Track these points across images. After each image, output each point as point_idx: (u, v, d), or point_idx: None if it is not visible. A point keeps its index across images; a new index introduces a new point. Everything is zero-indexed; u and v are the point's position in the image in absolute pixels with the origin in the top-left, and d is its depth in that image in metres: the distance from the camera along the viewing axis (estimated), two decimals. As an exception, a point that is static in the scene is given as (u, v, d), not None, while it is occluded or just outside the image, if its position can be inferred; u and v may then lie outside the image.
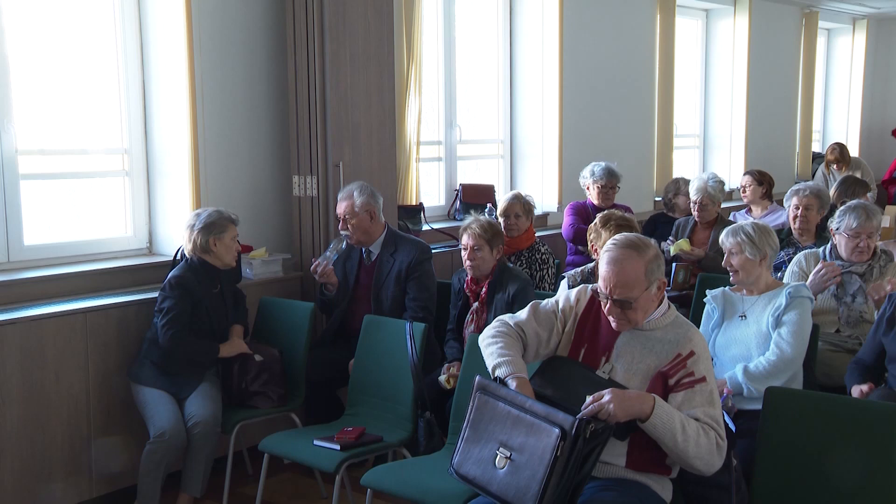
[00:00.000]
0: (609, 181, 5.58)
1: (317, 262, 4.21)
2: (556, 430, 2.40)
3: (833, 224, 4.08)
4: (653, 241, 2.79)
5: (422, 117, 5.34)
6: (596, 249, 3.88)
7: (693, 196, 5.36)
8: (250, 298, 4.24)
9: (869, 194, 6.32)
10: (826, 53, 10.50)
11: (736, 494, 2.71)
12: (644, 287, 2.63)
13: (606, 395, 2.45)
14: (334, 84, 4.54)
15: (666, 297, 2.76)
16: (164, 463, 3.68)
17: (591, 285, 2.85)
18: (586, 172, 5.69)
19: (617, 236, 2.75)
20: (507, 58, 6.35)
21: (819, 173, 8.86)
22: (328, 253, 4.24)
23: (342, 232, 4.28)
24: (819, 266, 3.91)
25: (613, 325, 2.69)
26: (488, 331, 2.80)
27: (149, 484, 3.68)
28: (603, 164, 5.66)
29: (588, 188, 5.67)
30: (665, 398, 2.55)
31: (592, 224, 4.02)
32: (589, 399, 2.46)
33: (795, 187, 4.95)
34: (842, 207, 4.10)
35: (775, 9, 8.75)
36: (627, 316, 2.65)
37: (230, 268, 3.96)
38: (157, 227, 4.50)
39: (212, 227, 3.83)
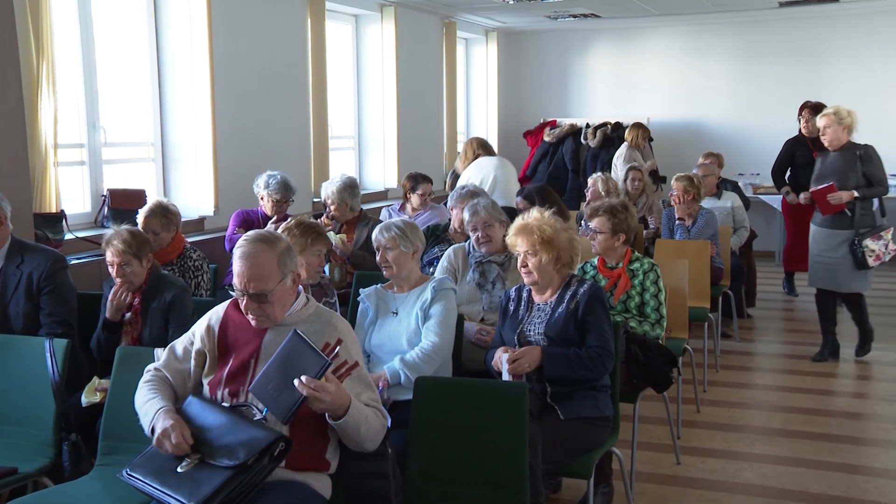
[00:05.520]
0: (284, 195, 5.58)
1: None
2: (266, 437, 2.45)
3: None
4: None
5: (58, 117, 4.91)
6: None
7: (321, 194, 5.65)
8: None
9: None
10: (466, 61, 11.32)
11: (392, 482, 2.84)
12: (278, 279, 2.67)
13: (333, 385, 2.48)
14: (-55, 79, 4.07)
15: (303, 291, 2.83)
16: None
17: (224, 302, 2.85)
18: (261, 182, 5.63)
19: (248, 233, 2.77)
20: (154, 57, 6.07)
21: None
22: None
23: None
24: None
25: (253, 322, 2.71)
26: (138, 391, 2.76)
27: None
28: (279, 175, 5.61)
29: (262, 198, 5.62)
30: None
31: (284, 227, 3.95)
32: (305, 379, 2.44)
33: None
34: None
35: (418, 17, 9.26)
36: (265, 311, 2.68)
37: None
38: None
39: None
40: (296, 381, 2.44)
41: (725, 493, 4.11)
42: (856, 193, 5.68)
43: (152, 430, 2.59)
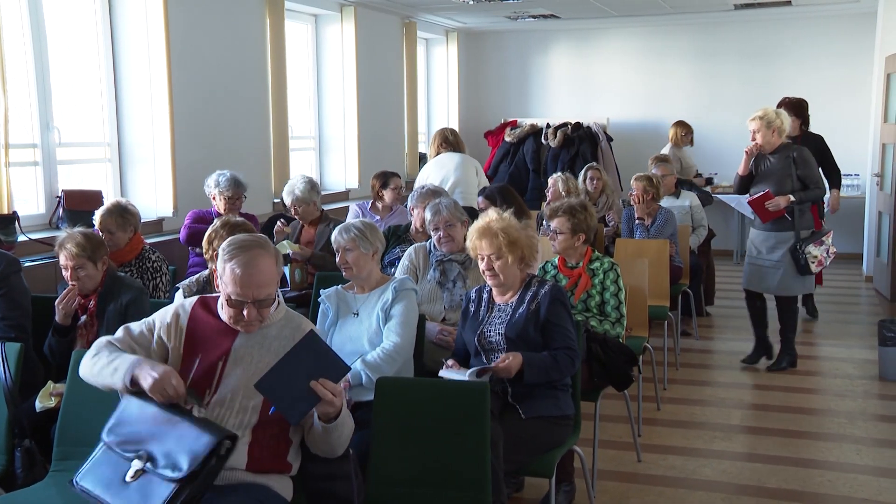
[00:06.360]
0: (235, 192, 5.49)
1: None
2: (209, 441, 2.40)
3: None
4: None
5: (9, 117, 4.82)
6: (215, 257, 3.79)
7: (286, 200, 5.59)
8: None
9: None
10: (426, 61, 11.31)
11: (354, 483, 2.83)
12: (277, 280, 2.69)
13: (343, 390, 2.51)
14: None
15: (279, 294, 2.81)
16: None
17: (189, 299, 2.80)
18: (211, 182, 5.54)
19: (232, 240, 2.71)
20: (109, 56, 5.98)
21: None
22: None
23: None
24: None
25: (246, 329, 2.67)
26: (86, 358, 2.66)
27: None
28: (228, 173, 5.53)
29: (214, 198, 5.54)
30: None
31: (212, 229, 3.93)
32: (328, 385, 2.45)
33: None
34: None
35: (378, 17, 9.23)
36: (263, 315, 2.66)
37: None
38: None
39: None
40: (314, 385, 2.44)
41: (685, 490, 4.15)
42: (792, 198, 5.60)
43: (132, 381, 2.50)
